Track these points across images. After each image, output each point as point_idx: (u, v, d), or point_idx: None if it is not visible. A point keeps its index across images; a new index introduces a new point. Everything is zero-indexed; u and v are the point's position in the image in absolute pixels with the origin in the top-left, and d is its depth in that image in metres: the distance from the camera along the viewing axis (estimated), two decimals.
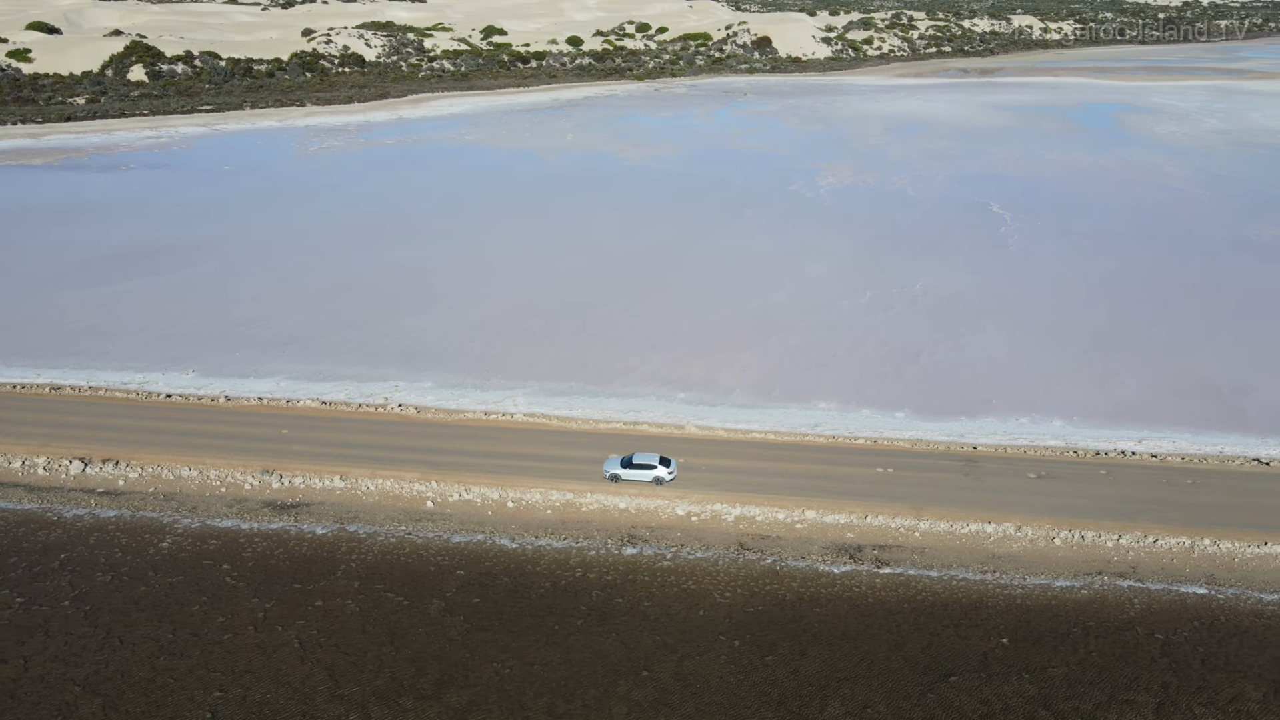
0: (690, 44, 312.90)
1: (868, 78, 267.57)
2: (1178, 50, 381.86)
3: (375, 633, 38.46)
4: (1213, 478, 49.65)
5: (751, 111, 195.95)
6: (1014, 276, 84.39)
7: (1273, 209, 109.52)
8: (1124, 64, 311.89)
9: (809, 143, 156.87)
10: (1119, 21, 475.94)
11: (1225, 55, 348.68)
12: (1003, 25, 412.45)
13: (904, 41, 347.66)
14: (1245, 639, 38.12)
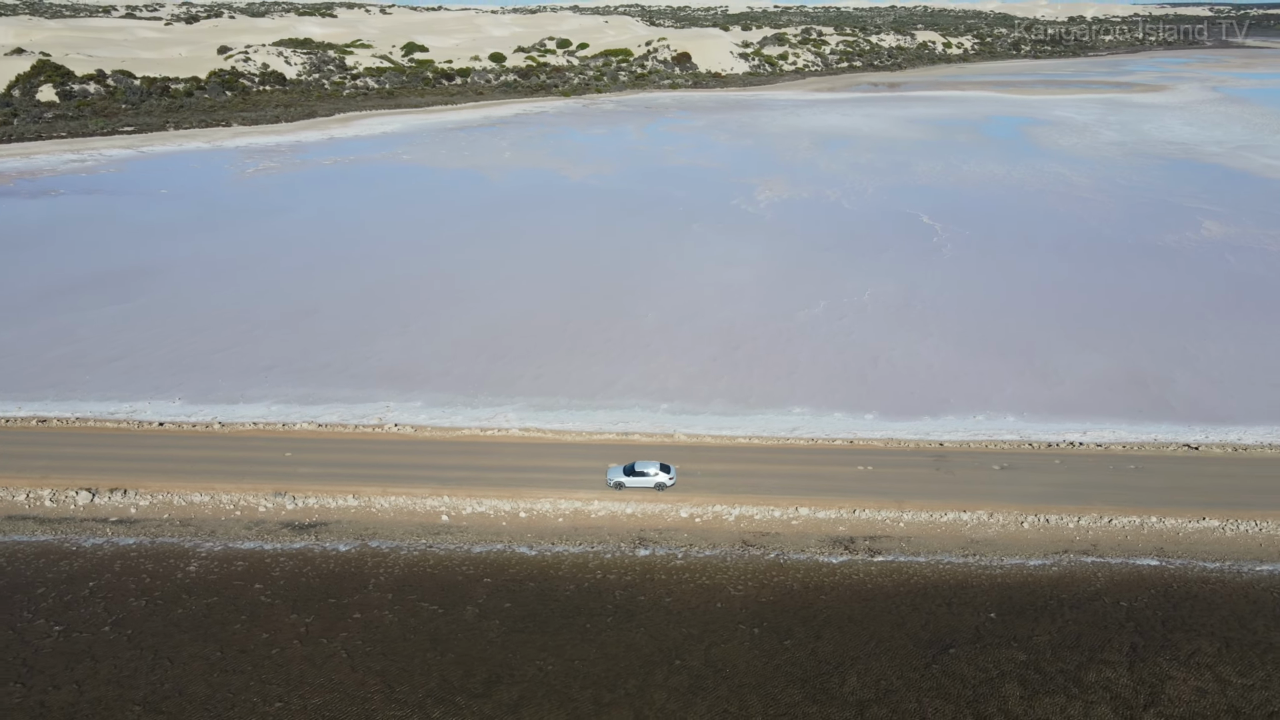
0: (612, 60, 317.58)
1: (787, 92, 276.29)
2: (1069, 65, 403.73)
3: (417, 640, 40.65)
4: (1152, 462, 55.39)
5: (682, 127, 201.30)
6: (951, 283, 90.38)
7: (1172, 216, 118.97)
8: (1022, 78, 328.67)
9: (742, 158, 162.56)
10: (1013, 37, 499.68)
11: (1112, 69, 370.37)
12: (908, 41, 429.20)
13: (817, 57, 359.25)
14: (1196, 602, 43.38)
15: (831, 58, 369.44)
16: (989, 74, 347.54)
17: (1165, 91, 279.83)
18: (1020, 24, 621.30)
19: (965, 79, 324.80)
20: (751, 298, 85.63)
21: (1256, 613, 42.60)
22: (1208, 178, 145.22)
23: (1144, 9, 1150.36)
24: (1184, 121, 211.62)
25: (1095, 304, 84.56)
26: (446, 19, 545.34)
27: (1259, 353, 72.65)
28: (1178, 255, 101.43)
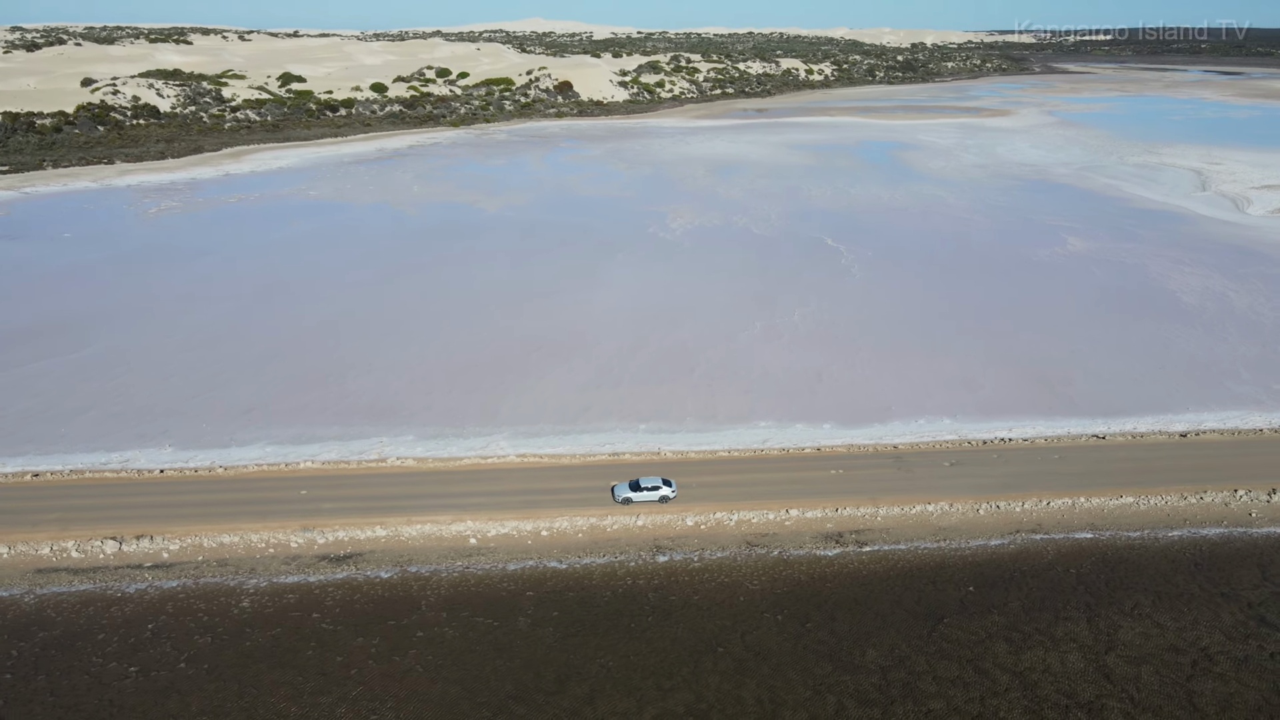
0: (495, 89, 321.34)
1: (670, 119, 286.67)
2: (920, 90, 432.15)
3: (482, 650, 44.70)
4: (1069, 452, 64.73)
5: (580, 156, 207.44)
6: (868, 302, 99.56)
7: (1040, 233, 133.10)
8: (882, 103, 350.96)
9: (645, 186, 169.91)
10: (868, 64, 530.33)
11: (959, 94, 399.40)
12: (773, 68, 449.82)
13: (691, 84, 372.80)
14: (1128, 565, 52.13)
15: (705, 84, 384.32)
16: (852, 99, 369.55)
17: (1010, 116, 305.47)
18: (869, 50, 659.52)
19: (832, 105, 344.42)
20: (693, 322, 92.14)
21: (1175, 570, 51.67)
22: (1062, 197, 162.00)
23: (975, 35, 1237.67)
24: (1031, 144, 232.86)
25: (994, 315, 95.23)
26: (313, 46, 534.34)
27: (1135, 353, 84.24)
28: (1052, 269, 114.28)
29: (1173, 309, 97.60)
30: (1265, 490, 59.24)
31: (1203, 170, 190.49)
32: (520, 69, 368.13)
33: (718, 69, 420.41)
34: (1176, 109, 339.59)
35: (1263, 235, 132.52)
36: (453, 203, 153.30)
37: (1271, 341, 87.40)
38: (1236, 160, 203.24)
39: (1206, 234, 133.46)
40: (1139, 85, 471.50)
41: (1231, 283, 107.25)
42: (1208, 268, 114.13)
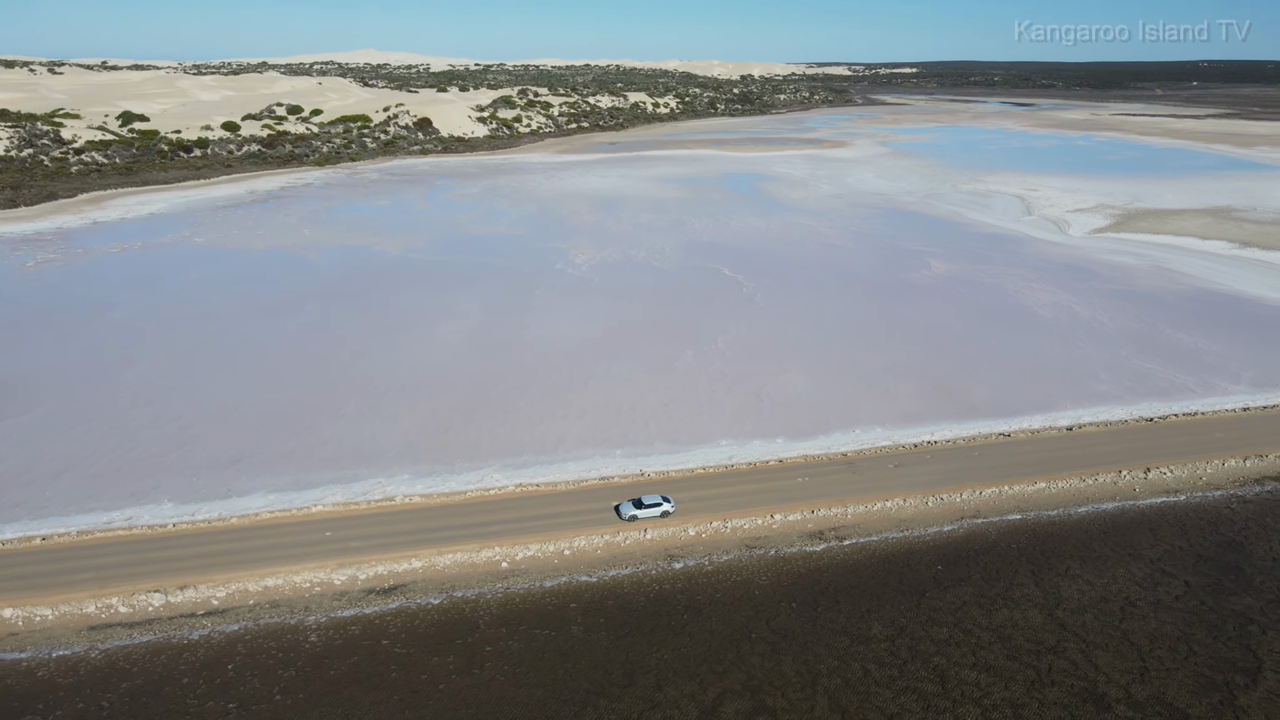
0: (353, 127, 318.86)
1: (534, 155, 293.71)
2: (761, 122, 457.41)
3: (549, 656, 50.38)
4: (984, 450, 76.34)
5: (460, 194, 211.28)
6: (779, 326, 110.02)
7: (907, 258, 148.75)
8: (730, 135, 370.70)
9: (535, 223, 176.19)
10: (708, 96, 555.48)
11: (797, 127, 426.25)
12: (621, 102, 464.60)
13: (547, 119, 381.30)
14: (1053, 538, 63.37)
15: (561, 119, 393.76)
16: (701, 132, 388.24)
17: (848, 147, 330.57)
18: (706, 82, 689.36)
19: (685, 138, 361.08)
20: (630, 353, 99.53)
21: (1089, 538, 63.32)
22: (916, 224, 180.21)
23: (797, 68, 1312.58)
24: (875, 174, 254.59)
25: (890, 334, 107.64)
26: (137, 80, 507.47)
27: (1014, 362, 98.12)
28: (925, 290, 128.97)
29: (1032, 322, 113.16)
30: (1141, 470, 72.50)
31: (1024, 196, 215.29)
32: (373, 105, 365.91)
33: (570, 103, 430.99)
34: (988, 139, 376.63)
35: (1086, 254, 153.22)
36: (351, 245, 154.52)
37: (1114, 347, 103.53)
38: (1049, 187, 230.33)
39: (1042, 254, 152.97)
40: (951, 116, 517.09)
41: (1073, 297, 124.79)
42: (1051, 284, 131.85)
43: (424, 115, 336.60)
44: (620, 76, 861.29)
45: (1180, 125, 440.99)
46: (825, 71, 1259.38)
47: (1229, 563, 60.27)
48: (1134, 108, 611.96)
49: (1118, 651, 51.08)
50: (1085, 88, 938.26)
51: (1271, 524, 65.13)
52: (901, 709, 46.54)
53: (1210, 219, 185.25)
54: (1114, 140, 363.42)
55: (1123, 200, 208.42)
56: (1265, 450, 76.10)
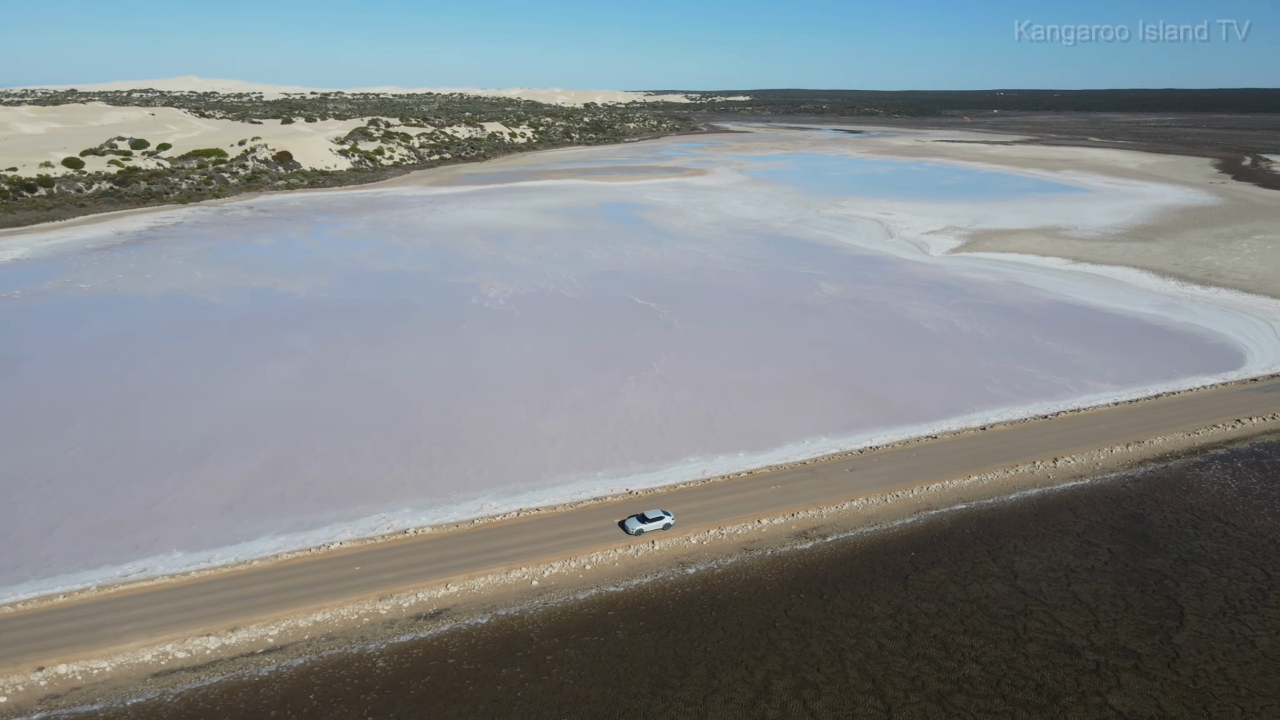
0: (207, 161, 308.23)
1: (406, 188, 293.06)
2: (618, 150, 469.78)
3: (606, 659, 55.73)
4: (917, 451, 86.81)
5: (346, 231, 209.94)
6: (705, 350, 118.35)
7: (798, 281, 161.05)
8: (593, 165, 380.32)
9: (433, 258, 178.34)
10: (561, 125, 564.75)
11: (655, 155, 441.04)
12: (479, 132, 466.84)
13: (409, 150, 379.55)
14: (995, 522, 73.89)
15: (422, 150, 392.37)
16: (564, 162, 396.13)
17: (710, 175, 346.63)
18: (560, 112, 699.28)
19: (549, 168, 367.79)
20: (575, 381, 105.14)
21: (1024, 520, 74.22)
22: (795, 248, 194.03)
23: (638, 96, 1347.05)
24: (744, 201, 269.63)
25: (805, 351, 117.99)
26: None
27: (920, 372, 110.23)
28: (823, 310, 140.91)
29: (923, 336, 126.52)
30: (1050, 459, 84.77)
31: (882, 220, 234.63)
32: (224, 139, 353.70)
33: (427, 135, 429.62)
34: (834, 165, 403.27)
35: (950, 272, 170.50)
36: (254, 286, 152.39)
37: (998, 355, 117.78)
38: (901, 210, 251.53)
39: (913, 274, 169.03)
40: (794, 144, 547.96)
41: (950, 312, 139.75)
42: (929, 301, 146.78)
43: (283, 149, 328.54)
44: (466, 105, 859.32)
45: (995, 151, 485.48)
46: (665, 99, 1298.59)
47: (1137, 531, 72.44)
48: (950, 134, 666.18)
49: (1072, 609, 61.40)
50: (903, 115, 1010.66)
51: (1160, 497, 78.24)
52: (919, 673, 54.79)
53: (1043, 237, 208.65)
54: (943, 166, 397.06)
55: (966, 222, 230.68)
56: (1140, 437, 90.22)
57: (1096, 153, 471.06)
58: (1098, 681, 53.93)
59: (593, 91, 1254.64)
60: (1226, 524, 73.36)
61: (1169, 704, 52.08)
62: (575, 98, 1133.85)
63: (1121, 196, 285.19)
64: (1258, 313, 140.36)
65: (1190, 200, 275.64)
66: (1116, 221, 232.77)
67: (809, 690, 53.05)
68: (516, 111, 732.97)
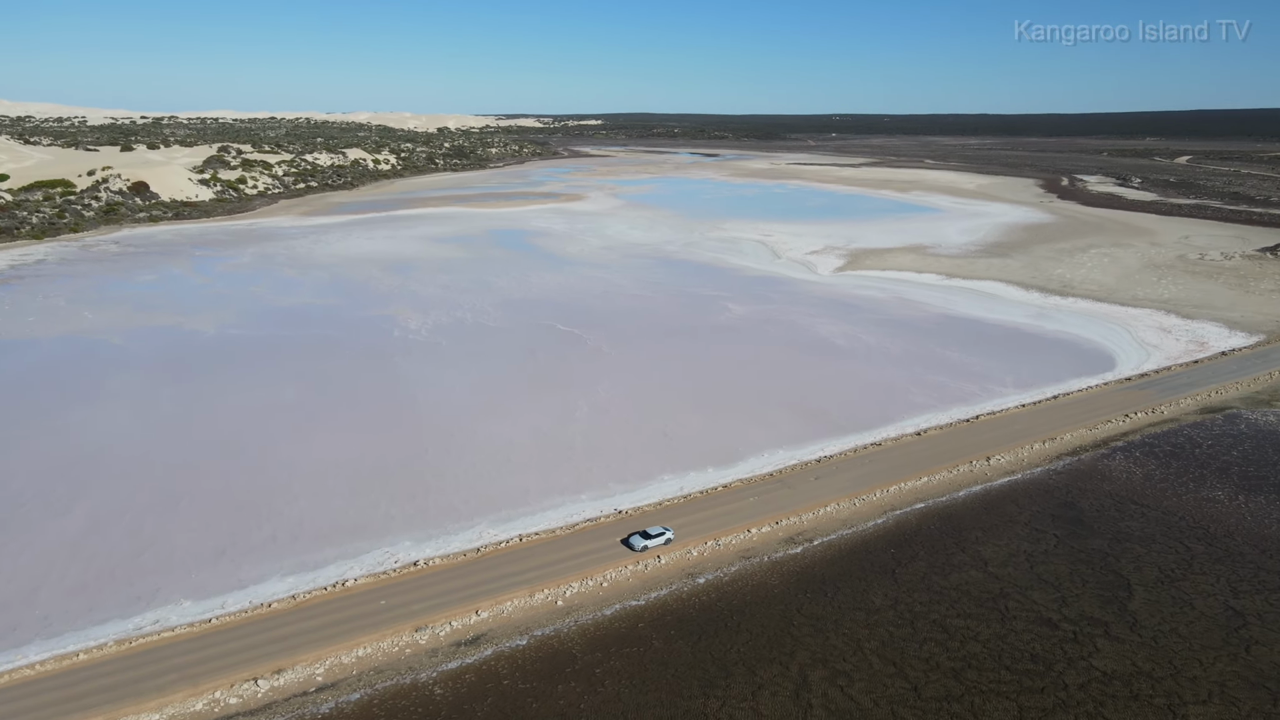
0: (54, 193, 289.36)
1: (279, 218, 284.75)
2: (488, 176, 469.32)
3: (651, 668, 59.26)
4: (868, 457, 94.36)
5: (232, 265, 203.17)
6: (642, 372, 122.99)
7: (706, 303, 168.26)
8: (467, 191, 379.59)
9: (338, 291, 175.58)
10: (424, 151, 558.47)
11: (525, 181, 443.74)
12: (340, 159, 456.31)
13: (273, 179, 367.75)
14: (954, 518, 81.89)
15: (287, 179, 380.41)
16: (434, 189, 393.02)
17: (586, 200, 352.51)
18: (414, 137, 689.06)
19: (423, 195, 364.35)
20: (528, 410, 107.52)
21: (975, 514, 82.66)
22: (692, 271, 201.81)
23: (490, 120, 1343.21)
24: (628, 226, 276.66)
25: (735, 369, 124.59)
26: None
27: (847, 385, 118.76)
28: (738, 330, 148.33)
29: (837, 351, 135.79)
30: (983, 458, 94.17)
31: (764, 241, 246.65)
32: (67, 168, 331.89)
33: (290, 163, 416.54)
34: (702, 189, 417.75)
35: (843, 290, 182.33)
36: (156, 326, 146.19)
37: (909, 367, 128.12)
38: (780, 232, 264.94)
39: (809, 292, 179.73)
40: (657, 168, 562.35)
41: (854, 327, 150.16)
42: (831, 318, 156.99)
43: (138, 179, 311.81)
44: (314, 130, 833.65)
45: (845, 173, 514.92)
46: (517, 123, 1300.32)
47: (1072, 517, 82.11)
48: (800, 157, 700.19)
49: (1041, 589, 69.58)
50: (751, 138, 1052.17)
51: (1083, 486, 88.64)
52: (931, 654, 61.17)
53: (914, 255, 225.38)
54: (804, 188, 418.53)
55: (842, 242, 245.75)
56: (1052, 434, 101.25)
57: (936, 174, 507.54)
58: (1079, 648, 61.78)
59: (445, 116, 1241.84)
60: (1142, 506, 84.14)
61: (1141, 661, 60.43)
62: (427, 122, 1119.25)
63: (969, 215, 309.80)
64: (1113, 320, 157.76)
65: (1029, 218, 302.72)
66: (972, 239, 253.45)
67: (842, 678, 58.39)
68: (371, 137, 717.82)
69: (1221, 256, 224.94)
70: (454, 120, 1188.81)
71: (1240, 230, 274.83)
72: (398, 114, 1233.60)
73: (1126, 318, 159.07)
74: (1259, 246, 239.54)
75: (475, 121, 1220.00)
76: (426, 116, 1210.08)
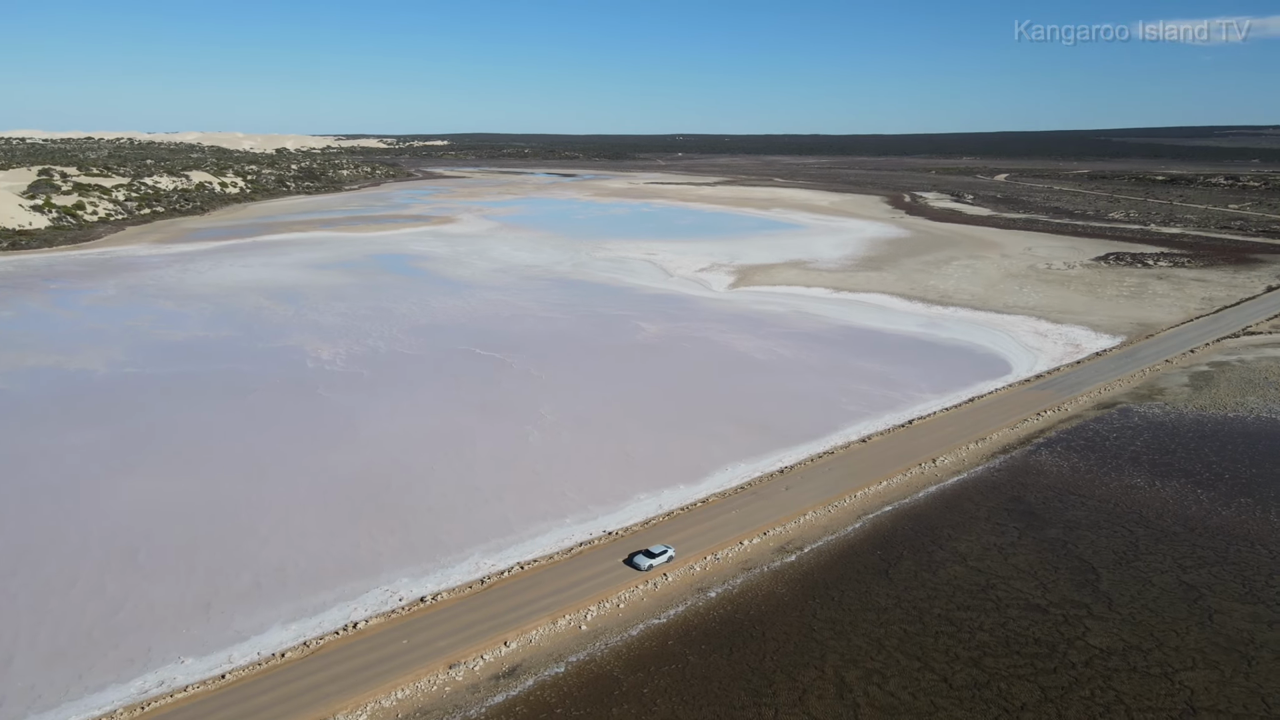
0: None
1: (135, 246, 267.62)
2: (346, 200, 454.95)
3: (694, 682, 60.24)
4: (826, 465, 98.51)
5: (99, 298, 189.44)
6: (577, 394, 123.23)
7: (620, 323, 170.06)
8: (330, 215, 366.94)
9: (229, 323, 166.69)
10: (273, 174, 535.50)
11: (388, 203, 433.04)
12: (184, 182, 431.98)
13: (115, 205, 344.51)
14: (922, 517, 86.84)
15: (129, 204, 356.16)
16: (294, 213, 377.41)
17: (458, 223, 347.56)
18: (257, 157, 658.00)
19: (285, 219, 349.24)
20: (478, 438, 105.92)
21: (942, 512, 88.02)
22: (593, 291, 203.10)
23: (331, 140, 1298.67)
24: (512, 248, 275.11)
25: (668, 387, 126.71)
26: None
27: (781, 398, 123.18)
28: (658, 348, 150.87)
29: (759, 365, 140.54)
30: (929, 460, 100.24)
31: (651, 260, 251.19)
32: None
33: (129, 187, 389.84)
34: (572, 209, 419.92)
35: (743, 306, 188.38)
36: (34, 367, 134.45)
37: (832, 378, 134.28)
38: (663, 250, 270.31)
39: (713, 309, 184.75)
40: (519, 189, 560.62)
41: (768, 342, 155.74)
42: (742, 333, 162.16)
43: None
44: (140, 152, 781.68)
45: (704, 192, 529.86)
46: (360, 144, 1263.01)
47: (1024, 510, 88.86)
48: (655, 176, 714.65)
49: (1021, 578, 75.15)
50: (602, 157, 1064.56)
51: (1023, 481, 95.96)
52: (948, 646, 65.05)
53: (797, 270, 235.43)
54: (670, 207, 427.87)
55: (726, 259, 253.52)
56: (981, 434, 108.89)
57: (790, 192, 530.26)
58: (1072, 629, 67.28)
59: (282, 136, 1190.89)
60: (1080, 496, 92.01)
61: (1127, 635, 66.46)
62: (263, 142, 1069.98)
63: (833, 231, 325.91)
64: (995, 326, 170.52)
65: (888, 234, 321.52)
66: (844, 254, 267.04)
67: (877, 676, 61.30)
68: (207, 159, 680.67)
69: (1065, 266, 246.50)
70: (292, 141, 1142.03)
71: (1072, 241, 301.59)
72: (230, 134, 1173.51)
73: (1005, 324, 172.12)
74: (1092, 256, 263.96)
75: (315, 142, 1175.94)
76: (262, 137, 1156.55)
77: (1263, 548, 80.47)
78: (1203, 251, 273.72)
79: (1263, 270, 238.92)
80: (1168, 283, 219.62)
